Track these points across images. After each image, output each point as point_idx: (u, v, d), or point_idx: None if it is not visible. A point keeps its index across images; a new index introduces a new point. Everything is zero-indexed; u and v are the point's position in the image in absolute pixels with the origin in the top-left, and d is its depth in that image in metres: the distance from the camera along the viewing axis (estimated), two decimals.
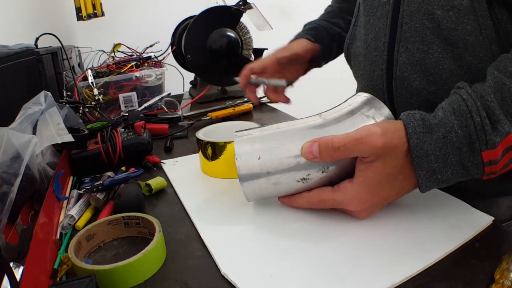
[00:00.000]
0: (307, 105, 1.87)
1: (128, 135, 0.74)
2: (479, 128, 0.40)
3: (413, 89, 0.56)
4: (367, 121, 0.46)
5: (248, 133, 0.49)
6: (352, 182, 0.44)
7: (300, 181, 0.46)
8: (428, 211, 0.47)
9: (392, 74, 0.58)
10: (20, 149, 0.49)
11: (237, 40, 1.05)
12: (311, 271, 0.39)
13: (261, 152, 0.47)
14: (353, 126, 0.45)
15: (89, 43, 1.43)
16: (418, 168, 0.41)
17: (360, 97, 0.50)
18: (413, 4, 0.53)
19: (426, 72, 0.54)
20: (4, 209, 0.45)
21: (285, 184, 0.47)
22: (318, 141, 0.43)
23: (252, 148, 0.47)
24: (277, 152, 0.46)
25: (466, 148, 0.40)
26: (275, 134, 0.48)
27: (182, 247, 0.45)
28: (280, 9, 1.68)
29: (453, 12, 0.50)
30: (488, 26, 0.48)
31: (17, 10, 1.10)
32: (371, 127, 0.43)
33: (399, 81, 0.57)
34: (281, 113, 1.02)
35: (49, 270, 0.41)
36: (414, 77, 0.55)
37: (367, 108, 0.47)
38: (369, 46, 0.62)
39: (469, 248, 0.41)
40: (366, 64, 0.64)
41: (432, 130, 0.41)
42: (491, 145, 0.40)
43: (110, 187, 0.58)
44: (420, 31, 0.53)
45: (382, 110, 0.47)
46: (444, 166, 0.41)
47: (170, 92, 1.05)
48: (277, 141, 0.47)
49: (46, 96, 0.63)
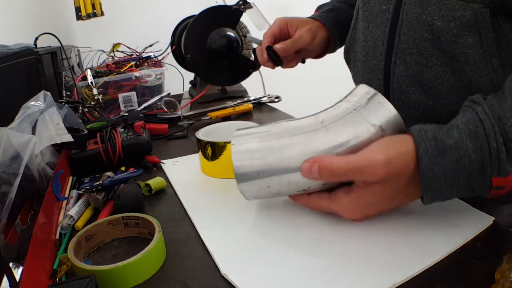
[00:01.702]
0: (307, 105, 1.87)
1: (127, 135, 0.74)
2: (494, 154, 0.37)
3: (411, 102, 0.54)
4: (372, 131, 0.42)
5: (247, 142, 0.47)
6: (348, 195, 0.43)
7: (300, 191, 0.46)
8: (428, 211, 0.47)
9: (389, 85, 0.56)
10: (19, 149, 0.49)
11: (237, 40, 1.05)
12: (311, 271, 0.39)
13: (261, 167, 0.45)
14: (358, 138, 0.43)
15: (88, 43, 1.42)
16: (426, 189, 0.40)
17: (364, 94, 0.45)
18: (412, 14, 0.52)
19: (424, 86, 0.52)
20: (4, 209, 0.45)
21: (285, 193, 0.47)
22: (318, 163, 0.41)
23: (251, 164, 0.45)
24: (276, 167, 0.45)
25: (477, 172, 0.38)
26: (273, 147, 0.45)
27: (182, 247, 0.45)
28: (280, 9, 1.68)
29: (455, 24, 0.48)
30: (489, 39, 0.47)
31: (16, 10, 1.10)
32: (374, 154, 0.40)
33: (396, 93, 0.55)
34: (281, 113, 1.02)
35: (48, 270, 0.41)
36: (412, 90, 0.53)
37: (373, 113, 0.43)
38: (367, 54, 0.61)
39: (470, 248, 0.41)
40: (364, 72, 0.62)
41: (445, 152, 0.38)
42: (504, 173, 0.38)
43: (110, 187, 0.57)
44: (419, 42, 0.51)
45: (390, 116, 0.43)
46: (450, 187, 0.39)
47: (169, 92, 1.05)
48: (277, 156, 0.44)
49: (45, 96, 0.63)
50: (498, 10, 0.47)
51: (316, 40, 0.72)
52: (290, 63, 0.75)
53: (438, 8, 0.49)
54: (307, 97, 2.13)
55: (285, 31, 0.73)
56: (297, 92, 2.00)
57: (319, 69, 1.90)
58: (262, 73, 1.23)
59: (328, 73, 2.05)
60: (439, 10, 0.49)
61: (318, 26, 0.73)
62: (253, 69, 1.10)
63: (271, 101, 1.10)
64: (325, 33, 0.73)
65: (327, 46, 0.76)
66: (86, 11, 1.38)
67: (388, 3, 0.56)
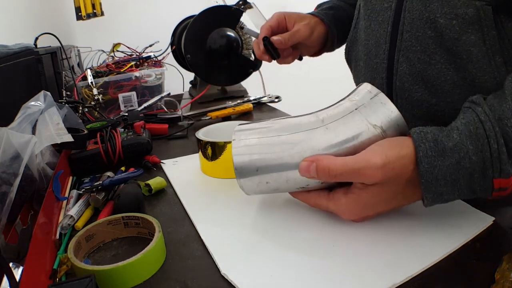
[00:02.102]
0: (307, 105, 1.86)
1: (127, 135, 0.74)
2: (495, 155, 0.37)
3: (414, 100, 0.54)
4: (373, 132, 0.42)
5: (247, 138, 0.47)
6: (346, 196, 0.43)
7: (299, 188, 0.46)
8: (428, 211, 0.47)
9: (392, 84, 0.56)
10: (19, 149, 0.49)
11: (237, 40, 1.05)
12: (311, 271, 0.39)
13: (261, 171, 0.45)
14: (358, 138, 0.42)
15: (88, 43, 1.42)
16: (426, 191, 0.39)
17: (367, 93, 0.45)
18: (415, 11, 0.51)
19: (428, 84, 0.52)
20: (4, 209, 0.45)
21: (284, 190, 0.47)
22: (316, 163, 0.41)
23: (250, 158, 0.46)
24: (276, 164, 0.45)
25: (478, 174, 0.38)
26: (273, 144, 0.45)
27: (182, 247, 0.45)
28: (280, 9, 1.68)
29: (457, 21, 0.48)
30: (492, 36, 0.47)
31: (16, 10, 1.10)
32: (371, 156, 0.40)
33: (400, 91, 0.55)
34: (281, 113, 1.02)
35: (48, 270, 0.41)
36: (415, 88, 0.53)
37: (374, 113, 0.43)
38: (369, 53, 0.61)
39: (470, 248, 0.41)
40: (366, 71, 0.62)
41: (445, 154, 0.38)
42: (505, 175, 0.38)
43: (110, 187, 0.57)
44: (422, 40, 0.51)
45: (391, 116, 0.43)
46: (452, 189, 0.39)
47: (169, 92, 1.05)
48: (276, 153, 0.45)
49: (45, 96, 0.63)
50: (501, 7, 0.47)
51: (314, 35, 0.72)
52: (287, 58, 0.74)
53: (440, 5, 0.49)
54: (307, 97, 2.13)
55: (283, 25, 0.72)
56: (297, 92, 1.99)
57: (319, 69, 1.90)
58: (262, 73, 1.23)
59: (328, 73, 2.04)
60: (441, 7, 0.49)
61: (316, 22, 0.72)
62: (253, 69, 1.10)
63: (271, 101, 1.10)
64: (323, 29, 0.73)
65: (325, 43, 0.76)
66: (86, 11, 1.38)
67: (390, 1, 0.56)
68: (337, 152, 0.43)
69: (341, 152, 0.43)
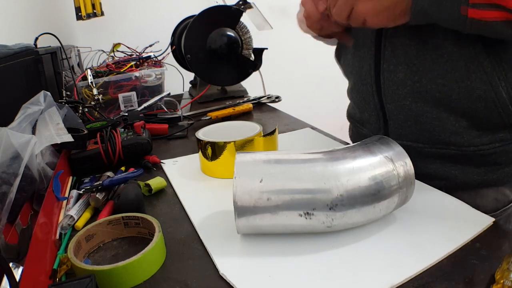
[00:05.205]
0: (307, 105, 1.88)
1: (127, 135, 0.74)
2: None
3: (399, 80, 0.58)
4: (385, 162, 0.43)
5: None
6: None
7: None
8: (428, 211, 0.47)
9: (380, 68, 0.60)
10: (19, 149, 0.49)
11: (237, 40, 1.05)
12: (310, 271, 0.39)
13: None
14: (373, 167, 0.43)
15: (88, 43, 1.42)
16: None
17: (373, 138, 0.48)
18: None
19: (409, 63, 0.56)
20: (4, 209, 0.45)
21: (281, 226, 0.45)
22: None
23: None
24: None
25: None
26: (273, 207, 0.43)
27: (182, 247, 0.45)
28: (280, 9, 1.68)
29: None
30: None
31: (16, 10, 1.10)
32: None
33: (387, 73, 0.59)
34: (281, 113, 1.02)
35: (48, 270, 0.41)
36: (399, 69, 0.58)
37: (385, 149, 0.45)
38: (357, 44, 0.65)
39: (470, 248, 0.41)
40: (354, 61, 0.66)
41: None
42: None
43: (110, 187, 0.57)
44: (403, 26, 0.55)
45: (400, 154, 0.44)
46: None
47: (169, 92, 1.05)
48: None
49: (45, 96, 0.63)
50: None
51: None
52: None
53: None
54: (307, 97, 2.13)
55: None
56: (297, 92, 1.99)
57: (319, 69, 1.89)
58: (262, 73, 1.23)
59: (328, 73, 2.04)
60: None
61: None
62: (253, 69, 1.10)
63: (271, 101, 1.10)
64: None
65: None
66: (86, 11, 1.38)
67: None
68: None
69: None
